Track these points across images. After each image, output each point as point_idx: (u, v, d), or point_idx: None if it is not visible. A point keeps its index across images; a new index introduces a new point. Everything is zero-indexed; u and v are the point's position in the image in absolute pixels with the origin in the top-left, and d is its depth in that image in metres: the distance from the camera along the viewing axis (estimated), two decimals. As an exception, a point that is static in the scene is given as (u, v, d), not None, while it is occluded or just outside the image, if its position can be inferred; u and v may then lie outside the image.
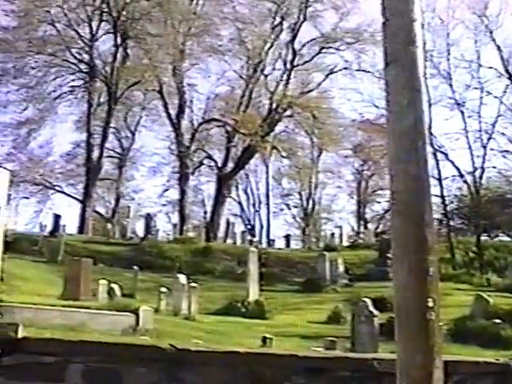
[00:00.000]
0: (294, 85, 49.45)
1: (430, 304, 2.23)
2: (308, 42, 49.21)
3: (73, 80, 49.30)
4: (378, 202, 57.33)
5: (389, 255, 26.31)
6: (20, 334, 3.77)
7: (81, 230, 42.26)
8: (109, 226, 40.99)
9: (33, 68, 47.99)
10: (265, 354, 4.18)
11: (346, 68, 48.86)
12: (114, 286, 19.47)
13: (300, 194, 56.41)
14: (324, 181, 56.48)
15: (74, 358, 3.82)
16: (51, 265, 27.05)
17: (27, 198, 47.51)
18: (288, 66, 48.77)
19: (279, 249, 40.68)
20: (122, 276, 23.68)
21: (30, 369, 3.79)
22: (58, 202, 49.01)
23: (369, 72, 47.34)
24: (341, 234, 43.61)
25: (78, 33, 47.33)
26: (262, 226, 55.08)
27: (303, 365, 3.98)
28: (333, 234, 44.24)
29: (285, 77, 48.50)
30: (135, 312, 13.47)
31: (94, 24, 47.99)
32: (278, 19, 48.56)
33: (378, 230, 48.35)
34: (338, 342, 12.60)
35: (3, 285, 11.20)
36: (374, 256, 30.15)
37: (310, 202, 55.09)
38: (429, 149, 2.45)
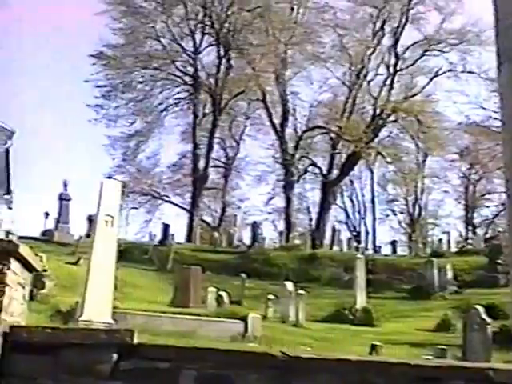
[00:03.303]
0: (398, 89, 48.87)
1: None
2: (411, 46, 48.48)
3: (178, 92, 50.45)
4: (487, 207, 55.78)
5: (499, 261, 25.60)
6: (135, 340, 3.87)
7: (189, 238, 43.02)
8: (216, 234, 41.55)
9: (140, 82, 49.45)
10: (376, 362, 4.14)
11: (450, 70, 47.94)
12: (222, 293, 19.71)
13: (406, 199, 55.52)
14: (430, 186, 55.41)
15: (188, 365, 3.89)
16: (161, 273, 27.68)
17: (136, 208, 48.75)
18: (391, 70, 48.21)
19: (386, 255, 40.15)
20: (229, 283, 23.92)
21: (145, 374, 3.88)
22: (166, 212, 50.11)
23: (474, 73, 46.30)
24: (448, 240, 42.60)
25: (182, 46, 48.45)
26: (367, 233, 54.60)
27: (416, 373, 3.91)
28: (440, 240, 43.29)
29: (388, 82, 47.98)
30: (244, 319, 13.61)
31: (198, 37, 49.04)
32: (379, 24, 48.11)
33: (488, 236, 46.92)
34: (449, 350, 12.33)
35: (116, 292, 11.53)
36: (483, 262, 29.24)
37: (416, 207, 54.16)
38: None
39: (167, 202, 50.07)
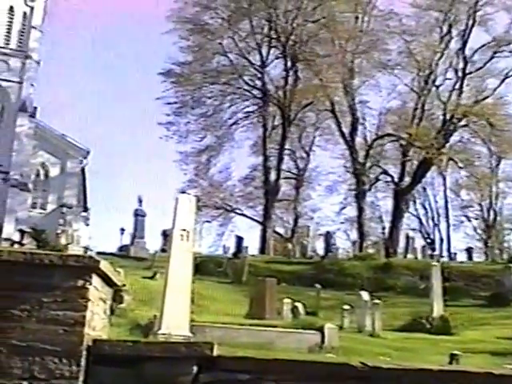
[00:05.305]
0: (468, 93, 48.10)
1: None
2: (479, 48, 47.77)
3: (247, 106, 50.86)
4: None
5: None
6: (215, 352, 3.91)
7: (262, 250, 43.14)
8: (289, 245, 41.55)
9: (209, 98, 50.06)
10: (458, 372, 4.07)
11: (522, 71, 46.97)
12: (297, 304, 19.68)
13: (480, 204, 54.49)
14: (505, 190, 54.24)
15: (268, 376, 3.89)
16: (236, 285, 27.80)
17: (209, 221, 49.19)
18: (460, 74, 47.52)
19: (461, 262, 39.45)
20: (304, 294, 23.86)
21: (225, 386, 3.91)
22: (239, 225, 50.38)
23: (547, 73, 45.26)
24: (527, 245, 41.64)
25: (249, 61, 48.90)
26: (441, 240, 53.77)
27: (500, 383, 3.84)
28: (517, 245, 42.36)
29: (457, 86, 47.31)
30: (320, 330, 13.57)
31: (264, 51, 49.38)
32: (446, 28, 47.55)
33: None
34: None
35: (193, 305, 11.67)
36: None
37: (491, 212, 53.11)
38: None
39: (240, 214, 50.33)
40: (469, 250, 47.10)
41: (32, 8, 46.68)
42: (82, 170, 49.83)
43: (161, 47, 79.78)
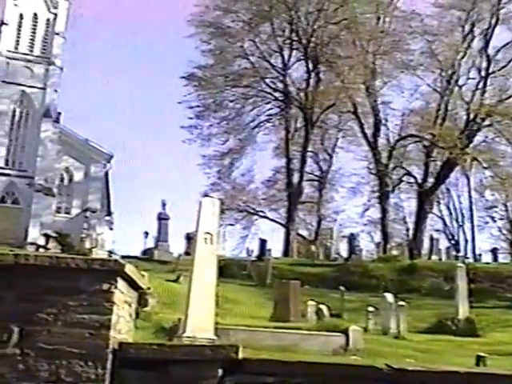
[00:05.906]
0: (491, 92, 47.70)
1: None
2: (503, 47, 47.37)
3: (269, 109, 50.89)
4: None
5: None
6: (240, 355, 3.91)
7: (285, 253, 43.10)
8: (313, 247, 41.47)
9: (231, 101, 50.20)
10: (486, 374, 4.04)
11: (546, 70, 46.48)
12: (321, 306, 19.62)
13: (505, 205, 53.95)
14: (530, 190, 53.60)
15: (293, 379, 3.89)
16: (260, 288, 27.78)
17: (233, 224, 49.22)
18: (483, 73, 47.16)
19: (486, 263, 39.09)
20: (328, 297, 23.79)
21: (250, 388, 3.91)
22: (263, 227, 50.43)
23: None
24: (553, 245, 41.18)
25: (270, 63, 48.92)
26: (466, 241, 53.35)
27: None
28: (544, 246, 41.93)
29: (480, 85, 46.98)
30: (345, 332, 13.52)
31: (286, 53, 49.46)
32: (468, 27, 47.23)
33: None
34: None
35: (218, 308, 11.68)
36: None
37: (516, 213, 52.62)
38: None
39: (263, 217, 50.34)
40: (494, 251, 46.67)
41: (55, 15, 47.21)
42: (106, 174, 50.17)
43: (182, 51, 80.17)
